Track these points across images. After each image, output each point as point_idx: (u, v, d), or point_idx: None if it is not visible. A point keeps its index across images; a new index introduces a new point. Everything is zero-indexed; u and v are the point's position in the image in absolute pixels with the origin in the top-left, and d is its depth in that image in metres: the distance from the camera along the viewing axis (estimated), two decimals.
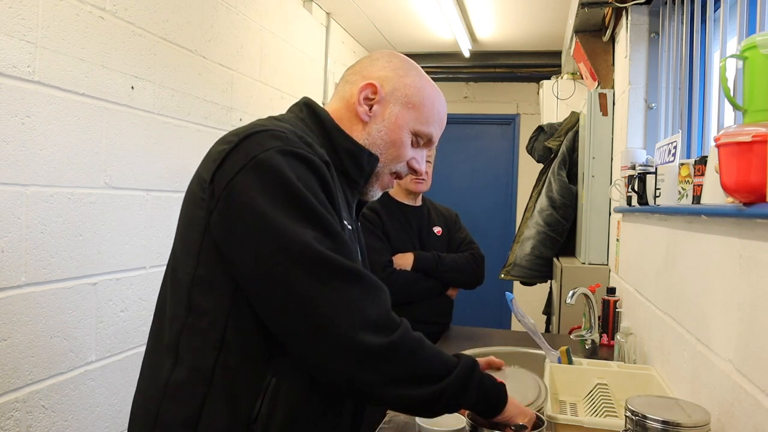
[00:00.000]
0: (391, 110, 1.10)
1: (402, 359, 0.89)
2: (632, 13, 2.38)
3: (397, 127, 1.11)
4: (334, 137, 1.09)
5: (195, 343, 0.93)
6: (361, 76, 1.12)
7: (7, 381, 1.52)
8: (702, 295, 1.25)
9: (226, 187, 0.90)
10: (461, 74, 4.89)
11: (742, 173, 0.89)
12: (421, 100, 1.12)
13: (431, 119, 1.14)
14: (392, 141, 1.11)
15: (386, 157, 1.12)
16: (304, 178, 0.91)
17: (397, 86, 1.11)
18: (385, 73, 1.12)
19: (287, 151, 0.92)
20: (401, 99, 1.11)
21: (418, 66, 1.16)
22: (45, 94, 1.60)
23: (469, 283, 2.41)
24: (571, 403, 1.56)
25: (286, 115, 1.11)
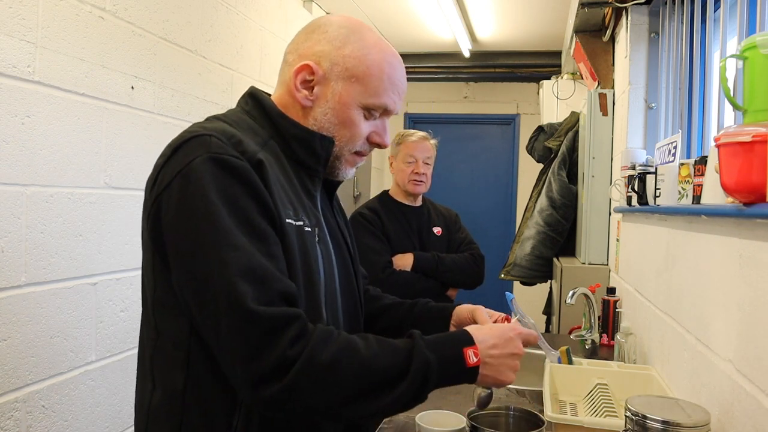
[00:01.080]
0: (334, 88, 1.01)
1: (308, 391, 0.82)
2: (632, 13, 2.38)
3: (343, 105, 1.01)
4: (280, 126, 1.02)
5: (165, 366, 0.93)
6: (297, 54, 1.02)
7: (7, 381, 1.52)
8: (702, 295, 1.25)
9: (154, 203, 0.90)
10: (461, 74, 4.89)
11: (742, 173, 0.89)
12: (366, 70, 1.00)
13: (381, 88, 1.02)
14: (341, 121, 1.02)
15: (341, 139, 1.03)
16: (225, 190, 0.86)
17: (335, 60, 1.00)
18: (321, 47, 1.01)
19: (210, 158, 0.87)
20: (342, 74, 1.00)
21: (361, 28, 1.04)
22: (45, 94, 1.60)
23: (469, 283, 2.41)
24: (571, 403, 1.56)
25: (232, 110, 1.06)
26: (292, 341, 0.82)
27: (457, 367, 0.92)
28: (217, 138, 0.90)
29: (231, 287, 0.82)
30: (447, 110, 5.22)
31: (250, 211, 0.88)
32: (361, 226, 2.32)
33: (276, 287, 0.85)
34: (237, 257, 0.83)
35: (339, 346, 0.85)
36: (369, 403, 0.85)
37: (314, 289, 0.97)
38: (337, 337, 0.87)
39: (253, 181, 0.89)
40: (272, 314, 0.82)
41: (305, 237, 0.97)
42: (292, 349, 0.82)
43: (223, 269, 0.83)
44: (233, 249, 0.84)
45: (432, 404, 1.54)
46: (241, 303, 0.81)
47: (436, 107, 5.23)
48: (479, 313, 1.16)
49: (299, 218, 0.97)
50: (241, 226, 0.86)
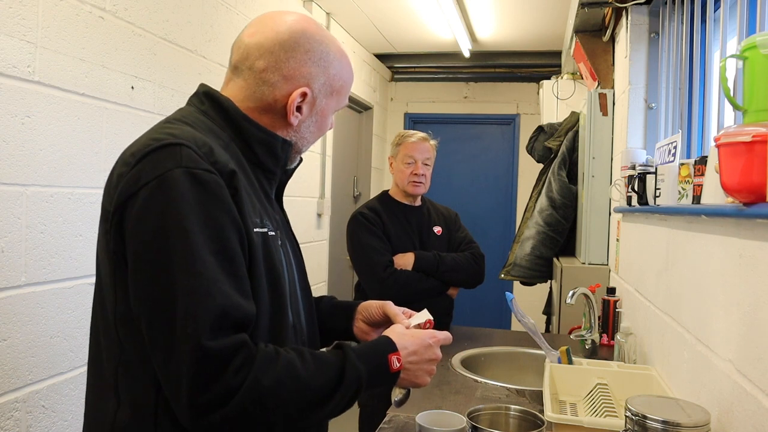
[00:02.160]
0: (319, 104, 1.07)
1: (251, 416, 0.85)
2: (632, 13, 2.38)
3: (324, 117, 1.09)
4: (243, 128, 1.02)
5: (133, 382, 0.90)
6: (281, 76, 1.01)
7: (7, 381, 1.52)
8: (702, 295, 1.25)
9: (115, 212, 0.88)
10: (461, 74, 4.89)
11: (742, 173, 0.89)
12: (344, 84, 1.09)
13: (347, 94, 1.12)
14: (320, 129, 1.10)
15: (313, 140, 1.11)
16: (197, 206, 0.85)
17: (323, 81, 1.05)
18: (308, 69, 1.03)
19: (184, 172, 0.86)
20: (327, 91, 1.07)
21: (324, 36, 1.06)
22: (45, 94, 1.60)
23: (470, 283, 2.41)
24: (571, 403, 1.56)
25: (187, 110, 1.05)
26: (236, 370, 0.84)
27: (382, 374, 0.99)
28: (189, 148, 0.88)
29: (189, 318, 0.82)
30: (447, 110, 5.22)
31: (221, 228, 0.87)
32: (362, 226, 2.32)
33: (233, 316, 0.85)
34: (202, 286, 0.83)
35: (280, 369, 0.88)
36: (307, 418, 0.91)
37: (280, 293, 0.99)
38: (278, 359, 0.89)
39: (225, 196, 0.89)
40: (222, 347, 0.83)
41: (270, 242, 0.98)
42: (236, 377, 0.84)
43: (184, 298, 0.82)
44: (198, 276, 0.83)
45: (432, 404, 1.54)
46: (196, 337, 0.81)
47: (436, 107, 5.23)
48: (389, 307, 1.20)
49: (264, 224, 0.98)
50: (211, 245, 0.85)
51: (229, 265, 0.87)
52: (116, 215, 0.88)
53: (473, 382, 1.78)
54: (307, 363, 0.92)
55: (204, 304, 0.83)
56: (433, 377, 1.08)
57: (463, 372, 1.86)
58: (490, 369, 2.07)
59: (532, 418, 1.21)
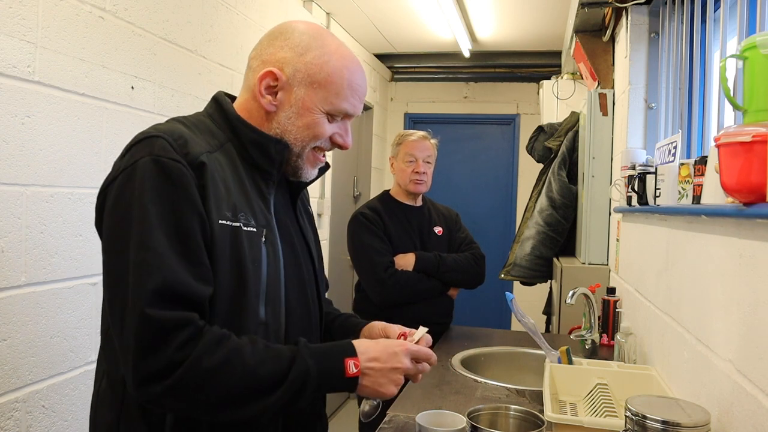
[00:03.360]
0: (296, 94, 1.05)
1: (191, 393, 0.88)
2: (632, 13, 2.38)
3: (307, 110, 1.05)
4: (238, 130, 1.06)
5: (111, 354, 0.98)
6: (261, 60, 1.07)
7: (7, 381, 1.52)
8: (702, 295, 1.25)
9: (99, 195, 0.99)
10: (461, 74, 4.89)
11: (742, 173, 0.89)
12: (327, 77, 1.05)
13: (342, 94, 1.06)
14: (305, 125, 1.06)
15: (303, 140, 1.07)
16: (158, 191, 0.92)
17: (297, 67, 1.04)
18: (284, 53, 1.05)
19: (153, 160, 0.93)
20: (305, 80, 1.04)
21: (322, 34, 1.08)
22: (45, 94, 1.60)
23: (470, 283, 2.41)
24: (571, 403, 1.56)
25: (197, 113, 1.11)
26: (180, 345, 0.88)
27: (336, 377, 0.98)
28: (164, 139, 0.95)
29: (136, 288, 0.88)
30: (447, 110, 5.22)
31: (178, 212, 0.92)
32: (363, 226, 2.32)
33: (178, 291, 0.89)
34: (151, 259, 0.89)
35: (226, 352, 0.90)
36: (247, 406, 0.91)
37: (245, 288, 1.00)
38: (227, 342, 0.92)
39: (187, 184, 0.94)
40: (165, 318, 0.87)
41: (244, 237, 1.00)
42: (180, 352, 0.87)
43: (134, 269, 0.89)
44: (148, 250, 0.89)
45: (432, 404, 1.54)
46: (139, 305, 0.87)
47: (436, 107, 5.23)
48: (391, 330, 1.20)
49: (238, 219, 1.00)
50: (165, 227, 0.91)
51: (181, 247, 0.91)
52: (99, 199, 1.00)
53: (473, 382, 1.78)
54: (257, 351, 0.93)
55: (149, 275, 0.88)
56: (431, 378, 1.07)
57: (463, 372, 1.86)
58: (490, 369, 2.07)
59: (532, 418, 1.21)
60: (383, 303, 2.27)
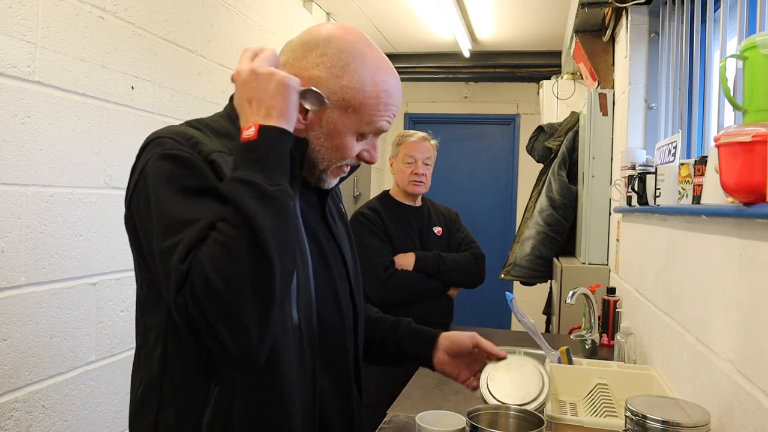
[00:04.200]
0: (329, 116, 0.98)
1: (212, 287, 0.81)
2: (632, 13, 2.38)
3: (337, 133, 0.99)
4: None
5: (147, 360, 0.98)
6: (292, 72, 0.98)
7: (7, 381, 1.52)
8: (702, 295, 1.25)
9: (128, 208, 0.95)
10: (461, 74, 4.89)
11: (742, 173, 0.89)
12: (363, 101, 0.98)
13: (376, 116, 1.00)
14: (333, 146, 1.01)
15: (329, 159, 1.02)
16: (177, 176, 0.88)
17: (332, 89, 0.97)
18: (318, 72, 0.97)
19: (163, 155, 0.90)
20: (339, 104, 0.98)
21: (361, 51, 1.00)
22: (45, 94, 1.60)
23: (470, 283, 2.41)
24: (571, 403, 1.56)
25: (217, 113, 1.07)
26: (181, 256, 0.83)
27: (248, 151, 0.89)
28: (174, 139, 0.92)
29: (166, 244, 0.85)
30: (447, 110, 5.22)
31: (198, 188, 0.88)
32: (362, 226, 2.32)
33: None
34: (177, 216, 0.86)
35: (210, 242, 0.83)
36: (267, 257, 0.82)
37: None
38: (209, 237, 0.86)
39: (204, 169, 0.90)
40: None
41: None
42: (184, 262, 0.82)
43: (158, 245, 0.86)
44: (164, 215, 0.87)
45: (432, 404, 1.54)
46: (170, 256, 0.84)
47: (436, 107, 5.23)
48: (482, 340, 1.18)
49: None
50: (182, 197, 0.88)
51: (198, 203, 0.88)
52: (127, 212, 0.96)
53: None
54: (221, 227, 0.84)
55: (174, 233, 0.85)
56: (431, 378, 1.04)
57: None
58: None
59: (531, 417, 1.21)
60: (383, 303, 2.27)
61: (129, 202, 0.95)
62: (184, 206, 0.87)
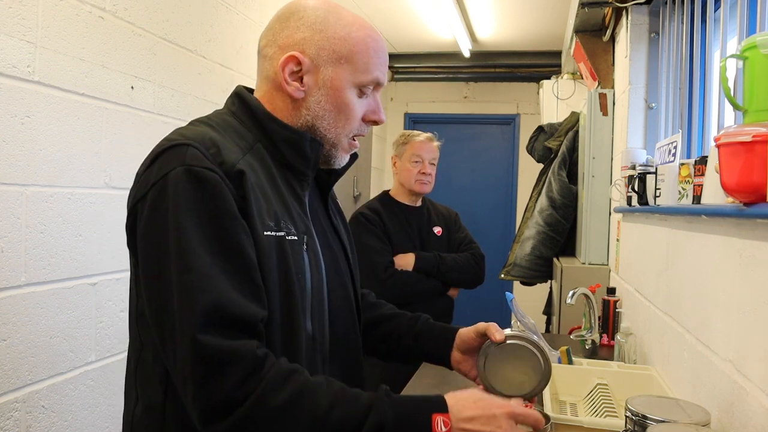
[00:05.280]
0: (324, 74, 0.97)
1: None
2: (632, 13, 2.38)
3: (337, 90, 0.98)
4: (269, 128, 0.99)
5: (146, 379, 0.92)
6: (277, 46, 0.98)
7: (7, 381, 1.52)
8: (702, 295, 1.25)
9: (130, 213, 0.90)
10: (461, 74, 4.89)
11: (742, 173, 0.89)
12: (353, 48, 0.98)
13: (370, 64, 1.00)
14: (337, 107, 0.99)
15: (337, 126, 1.00)
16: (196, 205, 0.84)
17: (320, 45, 0.97)
18: (301, 34, 0.97)
19: (185, 171, 0.85)
20: (330, 57, 0.97)
21: (335, 6, 1.01)
22: (45, 94, 1.60)
23: (470, 283, 2.41)
24: (571, 403, 1.56)
25: (219, 111, 1.03)
26: (240, 381, 0.80)
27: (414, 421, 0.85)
28: (195, 148, 0.87)
29: (183, 314, 0.81)
30: (447, 110, 5.22)
31: (224, 227, 0.85)
32: (362, 227, 2.32)
33: (231, 313, 0.82)
34: (195, 281, 0.81)
35: (294, 392, 0.82)
36: None
37: (293, 301, 0.93)
38: (297, 377, 0.84)
39: (226, 196, 0.86)
40: (219, 348, 0.80)
41: (288, 247, 0.94)
42: (240, 390, 0.80)
43: (178, 294, 0.81)
44: (191, 271, 0.81)
45: None
46: (190, 333, 0.79)
47: (436, 107, 5.23)
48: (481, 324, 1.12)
49: (281, 228, 0.93)
50: (208, 244, 0.83)
51: (227, 265, 0.84)
52: (131, 217, 0.90)
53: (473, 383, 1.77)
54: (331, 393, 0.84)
55: (195, 298, 0.80)
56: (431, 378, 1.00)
57: None
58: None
59: None
60: None
61: (134, 208, 0.89)
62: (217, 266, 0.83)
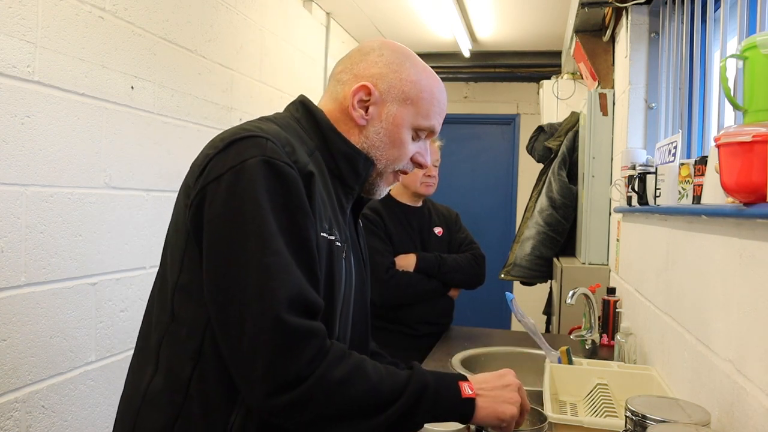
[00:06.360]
0: (389, 110, 1.06)
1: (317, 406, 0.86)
2: (632, 13, 2.38)
3: (396, 126, 1.06)
4: (330, 139, 1.05)
5: (174, 352, 0.94)
6: (352, 74, 1.07)
7: (7, 381, 1.52)
8: (702, 295, 1.25)
9: (199, 192, 0.91)
10: (461, 74, 4.89)
11: (742, 173, 0.89)
12: (419, 94, 1.07)
13: (431, 112, 1.09)
14: (392, 141, 1.07)
15: (388, 158, 1.08)
16: (275, 195, 0.89)
17: (392, 83, 1.05)
18: (378, 69, 1.06)
19: (265, 161, 0.89)
20: (398, 96, 1.05)
21: (412, 54, 1.10)
22: (45, 94, 1.60)
23: (471, 284, 2.41)
24: (571, 403, 1.56)
25: (281, 114, 1.09)
26: (311, 358, 0.85)
27: (452, 395, 0.96)
28: (273, 142, 0.92)
29: (267, 291, 0.84)
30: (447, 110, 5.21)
31: (296, 220, 0.90)
32: (364, 227, 2.32)
33: (307, 299, 0.87)
34: (277, 263, 0.85)
35: (351, 366, 0.89)
36: (366, 421, 0.89)
37: (333, 303, 0.99)
38: (350, 357, 0.91)
39: (301, 192, 0.91)
40: (299, 326, 0.85)
41: (334, 252, 0.99)
42: (309, 366, 0.85)
43: (262, 272, 0.85)
44: (275, 254, 0.86)
45: None
46: (274, 309, 0.83)
47: None
48: None
49: (332, 233, 0.99)
50: (284, 234, 0.88)
51: (301, 255, 0.89)
52: (199, 194, 0.91)
53: None
54: (377, 367, 0.92)
55: (282, 280, 0.85)
56: None
57: (463, 372, 1.86)
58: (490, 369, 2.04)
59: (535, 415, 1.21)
60: (384, 304, 2.27)
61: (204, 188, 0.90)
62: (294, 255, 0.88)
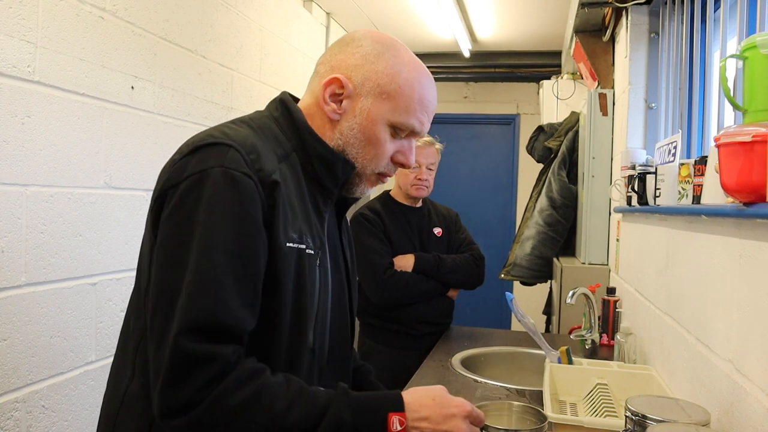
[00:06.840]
0: (363, 104, 0.99)
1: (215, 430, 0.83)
2: (632, 13, 2.38)
3: (371, 122, 0.99)
4: (307, 142, 1.00)
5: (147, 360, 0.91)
6: (329, 66, 1.01)
7: (7, 381, 1.52)
8: (702, 295, 1.25)
9: (159, 197, 0.90)
10: (461, 74, 4.89)
11: (742, 173, 0.89)
12: (397, 88, 0.99)
13: (410, 108, 1.00)
14: (367, 138, 1.00)
15: (364, 157, 1.02)
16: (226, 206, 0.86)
17: (367, 75, 0.99)
18: (354, 60, 0.99)
19: (223, 171, 0.87)
20: (373, 90, 0.99)
21: (397, 45, 1.03)
22: (45, 94, 1.60)
23: (470, 284, 2.41)
24: (571, 403, 1.56)
25: (260, 113, 1.05)
26: (204, 384, 0.82)
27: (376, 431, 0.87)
28: (236, 150, 0.89)
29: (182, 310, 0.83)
30: (447, 110, 5.21)
31: (245, 234, 0.87)
32: (362, 227, 2.32)
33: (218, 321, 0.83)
34: (204, 280, 0.83)
35: (252, 392, 0.84)
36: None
37: (303, 314, 0.96)
38: (258, 379, 0.85)
39: (256, 203, 0.88)
40: (195, 351, 0.82)
41: (305, 261, 0.95)
42: (201, 392, 0.82)
43: (186, 290, 0.83)
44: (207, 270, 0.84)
45: None
46: (172, 330, 0.82)
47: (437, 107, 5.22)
48: None
49: (303, 241, 0.95)
50: (229, 246, 0.85)
51: (241, 270, 0.86)
52: (159, 200, 0.91)
53: (473, 382, 1.78)
54: (290, 393, 0.86)
55: (194, 302, 0.83)
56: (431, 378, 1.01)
57: (463, 372, 1.86)
58: (490, 369, 2.07)
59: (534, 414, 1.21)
60: (382, 304, 2.27)
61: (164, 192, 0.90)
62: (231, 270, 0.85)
